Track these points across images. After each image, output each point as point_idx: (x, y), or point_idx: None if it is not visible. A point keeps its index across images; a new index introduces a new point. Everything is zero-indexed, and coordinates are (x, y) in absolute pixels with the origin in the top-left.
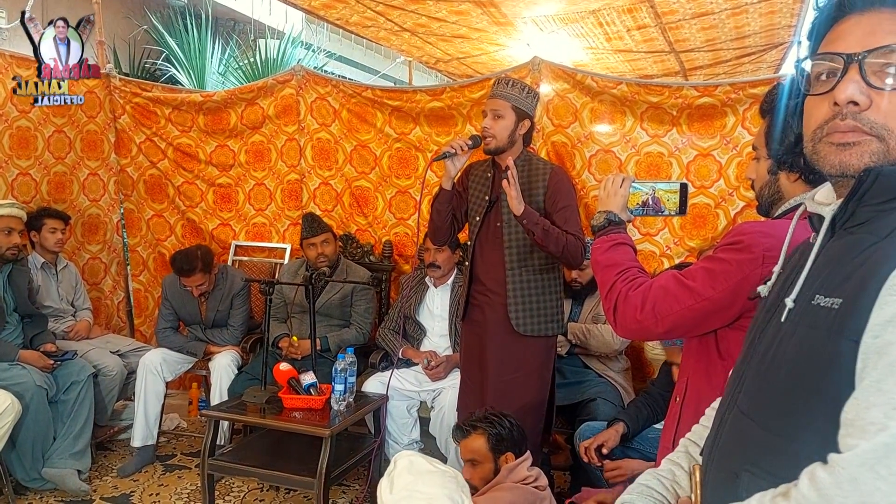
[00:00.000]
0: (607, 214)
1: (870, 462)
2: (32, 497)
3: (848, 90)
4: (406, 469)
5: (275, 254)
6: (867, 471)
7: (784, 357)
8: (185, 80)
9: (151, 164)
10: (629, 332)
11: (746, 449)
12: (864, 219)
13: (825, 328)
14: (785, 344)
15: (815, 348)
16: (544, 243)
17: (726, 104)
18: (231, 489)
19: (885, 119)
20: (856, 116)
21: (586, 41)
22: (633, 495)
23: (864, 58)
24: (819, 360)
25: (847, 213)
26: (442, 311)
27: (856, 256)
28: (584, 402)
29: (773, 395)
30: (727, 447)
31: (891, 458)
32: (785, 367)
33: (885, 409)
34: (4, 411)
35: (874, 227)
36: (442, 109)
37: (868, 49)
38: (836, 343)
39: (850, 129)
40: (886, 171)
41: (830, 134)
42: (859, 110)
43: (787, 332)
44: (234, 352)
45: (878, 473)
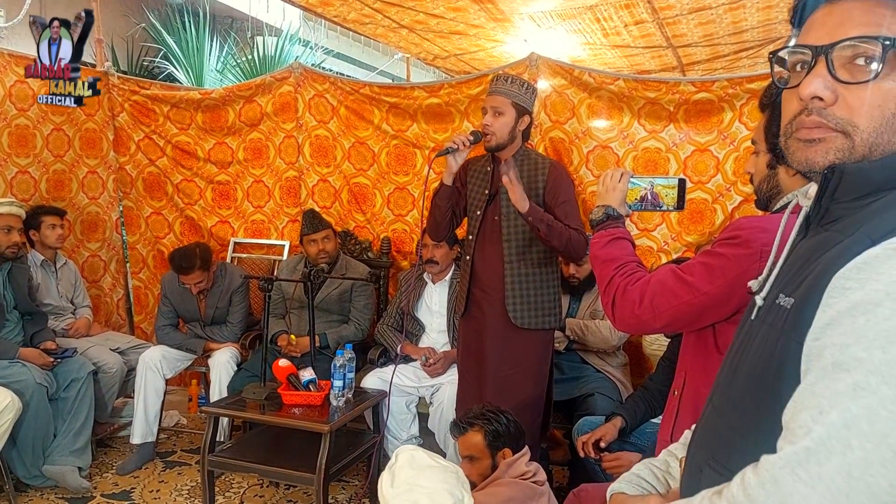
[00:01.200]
0: (606, 209)
1: (791, 465)
2: (33, 494)
3: (811, 86)
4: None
5: (273, 251)
6: (788, 473)
7: (748, 355)
8: (184, 78)
9: (150, 162)
10: (627, 326)
11: (712, 444)
12: (838, 216)
13: (779, 328)
14: (751, 342)
15: (770, 348)
16: (548, 238)
17: (723, 99)
18: (231, 485)
19: (851, 114)
20: (821, 112)
21: (584, 37)
22: (622, 483)
23: (830, 51)
24: (773, 360)
25: (821, 210)
26: (440, 308)
27: (820, 256)
28: (583, 398)
29: (736, 392)
30: (700, 441)
31: (811, 461)
32: (746, 365)
33: (812, 413)
34: (4, 409)
35: (844, 224)
36: (439, 106)
37: (835, 41)
38: (787, 343)
39: (815, 125)
40: (850, 169)
41: (798, 129)
42: (824, 105)
43: (754, 329)
44: (233, 348)
45: (797, 476)
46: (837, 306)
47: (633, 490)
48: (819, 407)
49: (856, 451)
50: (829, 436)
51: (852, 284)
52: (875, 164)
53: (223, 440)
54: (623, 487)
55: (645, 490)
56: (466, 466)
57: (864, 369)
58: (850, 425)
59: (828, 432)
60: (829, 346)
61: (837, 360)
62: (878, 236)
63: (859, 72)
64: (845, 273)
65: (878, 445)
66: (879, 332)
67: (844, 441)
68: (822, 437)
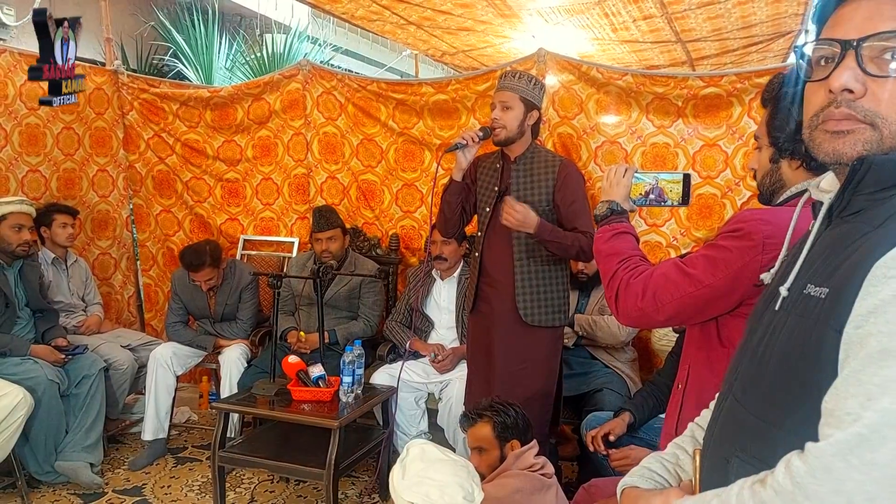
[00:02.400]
0: (610, 204)
1: (843, 451)
2: (45, 490)
3: (842, 78)
4: (418, 456)
5: (283, 248)
6: (840, 460)
7: (775, 345)
8: (193, 76)
9: (160, 160)
10: (631, 319)
11: (738, 435)
12: (860, 208)
13: (813, 318)
14: (777, 332)
15: (802, 338)
16: (564, 249)
17: (732, 94)
18: (242, 481)
19: (880, 107)
20: (850, 104)
21: (592, 32)
22: (634, 477)
23: (861, 44)
24: (806, 349)
25: (843, 201)
26: (449, 304)
27: (847, 246)
28: (591, 393)
29: (764, 382)
30: (722, 433)
31: (864, 447)
32: (775, 355)
33: (860, 400)
34: (17, 406)
35: (869, 216)
36: (446, 102)
37: (865, 35)
38: (822, 333)
39: (844, 116)
40: (879, 161)
41: (825, 121)
42: (854, 98)
43: (779, 320)
44: (243, 345)
45: (850, 463)
46: (880, 294)
47: (645, 483)
48: (868, 394)
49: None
50: (881, 421)
51: (894, 273)
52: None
53: (233, 436)
54: (635, 481)
55: (658, 483)
56: (475, 458)
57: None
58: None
59: (880, 418)
60: (873, 334)
61: (885, 346)
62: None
63: (888, 65)
64: (886, 262)
65: None
66: None
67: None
68: (873, 422)
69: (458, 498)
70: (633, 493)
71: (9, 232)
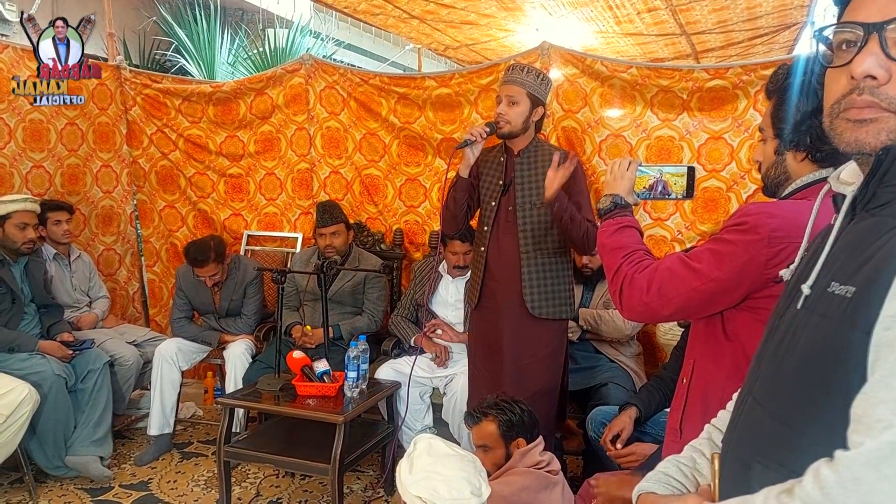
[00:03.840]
0: (613, 198)
1: (874, 461)
2: (53, 485)
3: (865, 63)
4: (425, 451)
5: (287, 243)
6: (871, 470)
7: (797, 346)
8: (195, 71)
9: (163, 156)
10: (635, 314)
11: (759, 440)
12: (886, 200)
13: (838, 318)
14: (799, 332)
15: (827, 338)
16: (569, 229)
17: (738, 86)
18: (247, 476)
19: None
20: (873, 91)
21: (596, 25)
22: (650, 482)
23: (885, 27)
24: (830, 351)
25: (868, 193)
26: (456, 300)
27: (874, 241)
28: (596, 387)
29: (785, 384)
30: (742, 437)
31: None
32: (797, 356)
33: (892, 406)
34: (23, 401)
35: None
36: (449, 96)
37: (889, 18)
38: (848, 334)
39: (867, 104)
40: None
41: (847, 109)
42: (877, 84)
43: (802, 319)
44: (247, 340)
45: (882, 473)
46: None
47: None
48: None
49: None
50: None
51: None
52: None
53: (239, 431)
54: (652, 487)
55: (676, 489)
56: (480, 456)
57: None
58: None
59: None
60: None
61: None
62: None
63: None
64: None
65: None
66: None
67: None
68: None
69: (465, 492)
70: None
71: (13, 230)
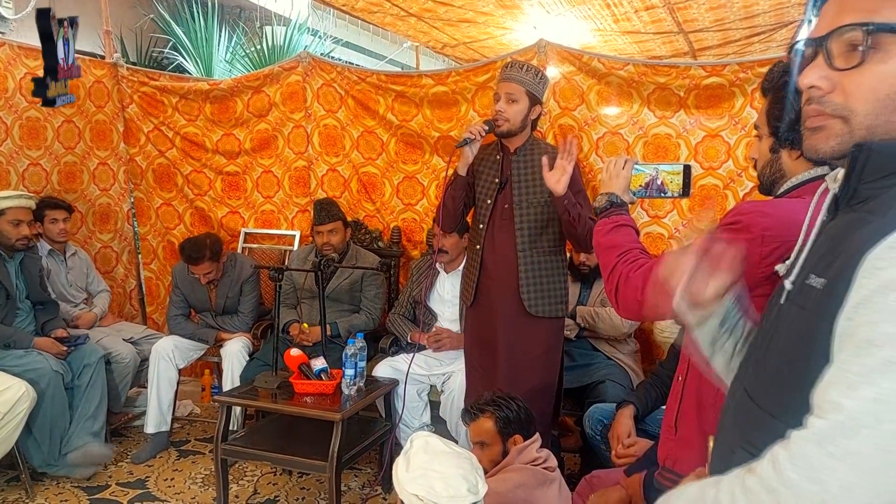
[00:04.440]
0: (609, 196)
1: (821, 440)
2: (49, 483)
3: (808, 77)
4: (422, 448)
5: (284, 241)
6: (818, 448)
7: (779, 337)
8: (193, 69)
9: (160, 153)
10: (631, 312)
11: (745, 426)
12: (867, 196)
13: (811, 309)
14: (781, 323)
15: (802, 329)
16: (575, 225)
17: (734, 84)
18: (244, 473)
19: (847, 100)
20: (820, 101)
21: (594, 23)
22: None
23: (826, 41)
24: (805, 341)
25: (849, 191)
26: (452, 297)
27: (849, 235)
28: (594, 385)
29: (768, 374)
30: (731, 422)
31: (841, 436)
32: (779, 346)
33: (841, 389)
34: (19, 399)
35: (873, 205)
36: (446, 94)
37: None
38: (818, 324)
39: (816, 113)
40: (878, 147)
41: (805, 119)
42: (823, 94)
43: (785, 311)
44: (244, 338)
45: (827, 451)
46: (870, 285)
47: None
48: (849, 383)
49: (886, 425)
50: (859, 410)
51: (884, 264)
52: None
53: (236, 429)
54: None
55: None
56: (477, 452)
57: (894, 344)
58: (880, 399)
59: (858, 407)
60: (861, 325)
61: (868, 336)
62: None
63: (853, 58)
64: (878, 253)
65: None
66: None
67: (875, 415)
68: (852, 411)
69: (462, 490)
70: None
71: (7, 227)
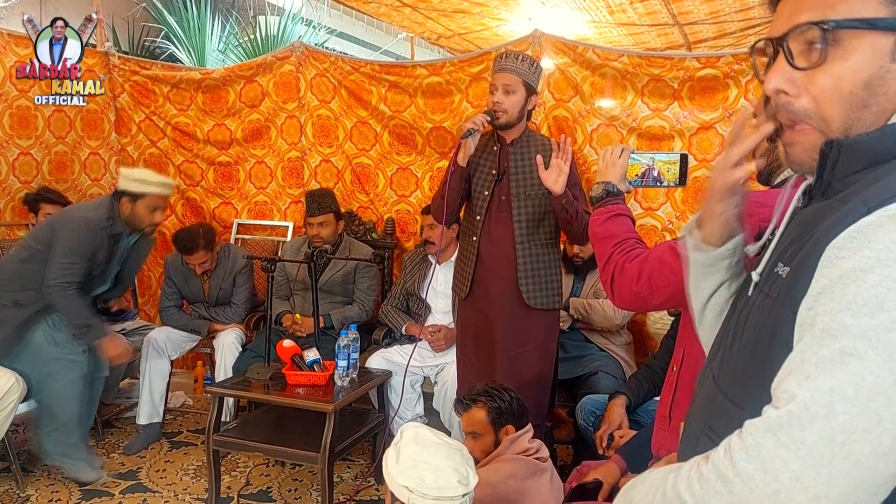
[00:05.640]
0: (606, 185)
1: (774, 428)
2: (40, 474)
3: (771, 81)
4: (412, 440)
5: (277, 232)
6: (770, 437)
7: (746, 325)
8: (185, 59)
9: (151, 143)
10: (626, 303)
11: (710, 414)
12: (839, 189)
13: (775, 297)
14: (747, 311)
15: (766, 318)
16: (572, 222)
17: (729, 76)
18: (237, 464)
19: (818, 106)
20: (789, 108)
21: (589, 14)
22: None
23: (785, 41)
24: (769, 329)
25: (822, 184)
26: (445, 288)
27: (817, 223)
28: (586, 376)
29: (733, 363)
30: (697, 410)
31: (794, 426)
32: (745, 336)
33: (797, 379)
34: (9, 390)
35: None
36: (440, 85)
37: (788, 29)
38: (781, 313)
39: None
40: (848, 143)
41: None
42: (790, 99)
43: (753, 299)
44: (237, 329)
45: (779, 440)
46: (830, 275)
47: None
48: (805, 372)
49: (839, 416)
50: (813, 400)
51: (845, 253)
52: (872, 135)
53: (228, 420)
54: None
55: None
56: (469, 443)
57: (851, 335)
58: (834, 390)
59: (812, 397)
60: (820, 314)
61: (826, 326)
62: (873, 204)
63: (814, 56)
64: (839, 242)
65: (862, 411)
66: (868, 298)
67: (828, 406)
68: (805, 401)
69: (452, 482)
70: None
71: (143, 211)
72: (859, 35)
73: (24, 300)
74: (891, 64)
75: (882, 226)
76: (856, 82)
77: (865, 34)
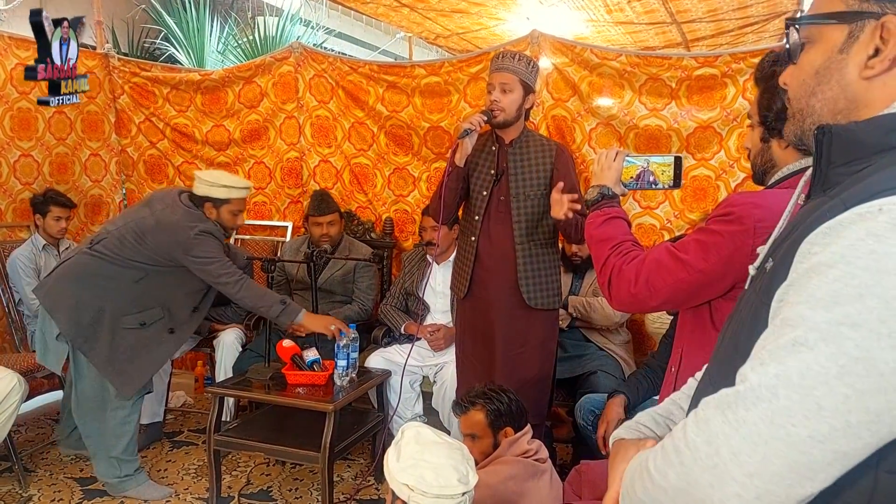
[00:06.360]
0: (601, 188)
1: (722, 406)
2: (42, 474)
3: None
4: (413, 439)
5: (276, 232)
6: (718, 413)
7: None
8: (185, 60)
9: (151, 145)
10: (623, 305)
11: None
12: (835, 182)
13: (758, 291)
14: (741, 306)
15: (751, 311)
16: (572, 235)
17: (727, 75)
18: (237, 464)
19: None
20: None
21: (587, 13)
22: (622, 430)
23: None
24: (751, 324)
25: (820, 177)
26: (444, 288)
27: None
28: (586, 375)
29: (724, 356)
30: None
31: (739, 406)
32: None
33: (752, 364)
34: (12, 391)
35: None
36: (438, 84)
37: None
38: (759, 306)
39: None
40: (837, 130)
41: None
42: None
43: (746, 295)
44: (238, 330)
45: (725, 417)
46: (799, 269)
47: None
48: (760, 358)
49: (781, 400)
50: (760, 383)
51: (816, 248)
52: (861, 125)
53: (229, 420)
54: (622, 433)
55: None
56: (468, 444)
57: (806, 326)
58: (781, 376)
59: (760, 380)
60: (784, 305)
61: (786, 316)
62: (851, 202)
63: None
64: (812, 237)
65: (804, 398)
66: (827, 292)
67: (773, 390)
68: (754, 384)
69: (452, 480)
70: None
71: (228, 216)
72: (821, 30)
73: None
74: (838, 55)
75: (852, 223)
76: (808, 72)
77: (826, 29)
